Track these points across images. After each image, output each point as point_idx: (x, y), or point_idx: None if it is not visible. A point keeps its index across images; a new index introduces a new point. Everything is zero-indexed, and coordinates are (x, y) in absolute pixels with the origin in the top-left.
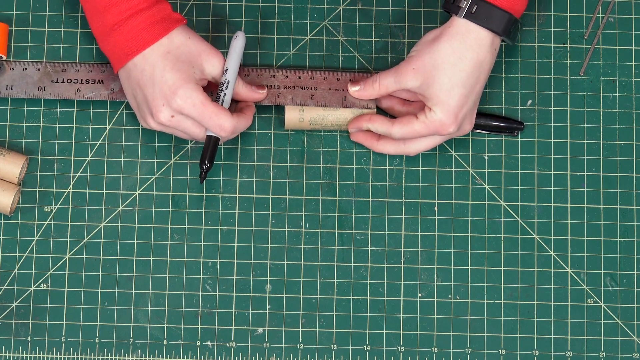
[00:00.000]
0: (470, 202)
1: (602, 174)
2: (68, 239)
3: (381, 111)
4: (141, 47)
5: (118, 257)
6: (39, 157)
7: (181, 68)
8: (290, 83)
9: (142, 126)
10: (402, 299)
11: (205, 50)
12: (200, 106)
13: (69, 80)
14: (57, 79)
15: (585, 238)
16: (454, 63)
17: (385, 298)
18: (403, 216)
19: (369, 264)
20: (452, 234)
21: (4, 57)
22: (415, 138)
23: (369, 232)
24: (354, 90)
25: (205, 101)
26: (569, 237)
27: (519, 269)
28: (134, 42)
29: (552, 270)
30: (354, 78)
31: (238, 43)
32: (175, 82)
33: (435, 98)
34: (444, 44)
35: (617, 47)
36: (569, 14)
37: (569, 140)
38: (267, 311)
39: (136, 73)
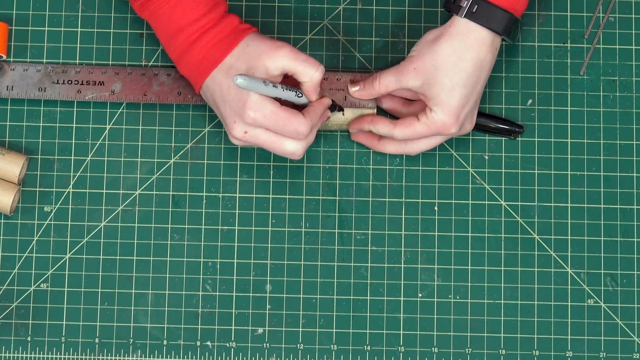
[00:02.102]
0: (470, 202)
1: (602, 173)
2: (68, 239)
3: (381, 112)
4: (210, 68)
5: (118, 257)
6: (39, 156)
7: None
8: (290, 83)
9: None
10: (402, 299)
11: (264, 50)
12: (270, 115)
13: (70, 82)
14: (58, 80)
15: (586, 238)
16: (455, 63)
17: (385, 298)
18: (403, 216)
19: (369, 264)
20: (452, 234)
21: (4, 57)
22: (417, 139)
23: (369, 232)
24: (354, 90)
25: (275, 109)
26: (569, 237)
27: (519, 269)
28: (204, 63)
29: (552, 270)
30: (354, 78)
31: None
32: (241, 97)
33: (437, 98)
34: (445, 44)
35: (617, 47)
36: (569, 14)
37: (569, 140)
38: (267, 311)
39: (210, 94)
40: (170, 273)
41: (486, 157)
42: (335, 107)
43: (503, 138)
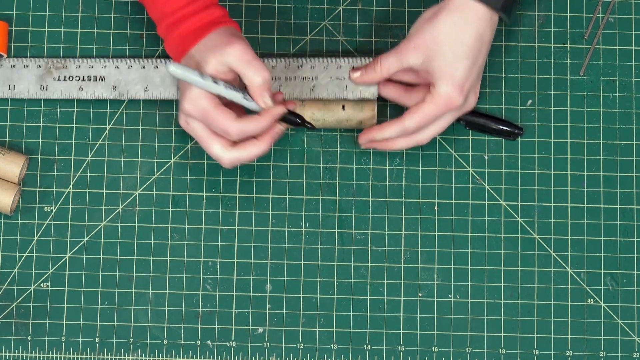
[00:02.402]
0: (470, 201)
1: (602, 173)
2: (68, 239)
3: (381, 114)
4: (180, 55)
5: (118, 257)
6: (39, 156)
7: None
8: (291, 74)
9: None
10: (402, 298)
11: (218, 45)
12: (202, 110)
13: (71, 78)
14: (59, 77)
15: (586, 238)
16: (456, 36)
17: (385, 297)
18: (403, 216)
19: (369, 264)
20: (452, 234)
21: (4, 56)
22: (428, 124)
23: (369, 231)
24: (355, 76)
25: (207, 106)
26: (569, 237)
27: (519, 268)
28: (178, 50)
29: (552, 269)
30: (355, 65)
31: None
32: (185, 88)
33: (439, 72)
34: (444, 19)
35: (617, 47)
36: (569, 14)
37: (569, 140)
38: (267, 311)
39: None
40: (171, 273)
41: (486, 157)
42: (298, 120)
43: (503, 139)
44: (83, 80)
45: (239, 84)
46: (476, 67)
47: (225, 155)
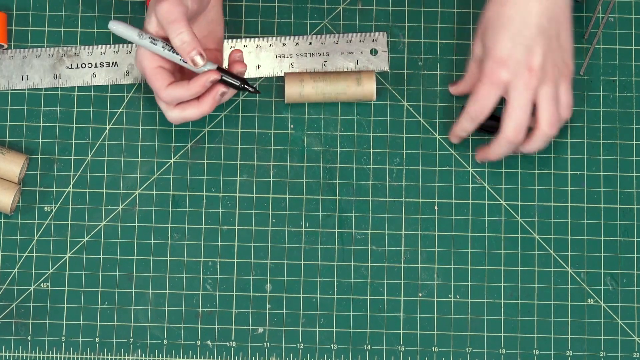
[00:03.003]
0: (470, 201)
1: (602, 173)
2: (68, 239)
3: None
4: (147, 3)
5: (118, 257)
6: (39, 156)
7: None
8: (302, 50)
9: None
10: (402, 298)
11: (159, 1)
12: (143, 69)
13: (83, 65)
14: (72, 64)
15: (586, 237)
16: (497, 11)
17: (385, 297)
18: (403, 216)
19: (369, 264)
20: (452, 234)
21: (5, 46)
22: (486, 106)
23: (369, 231)
24: (452, 89)
25: (146, 65)
26: (569, 237)
27: (519, 268)
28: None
29: (552, 269)
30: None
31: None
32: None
33: (485, 51)
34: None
35: (617, 47)
36: None
37: (569, 140)
38: (267, 311)
39: None
40: (171, 273)
41: None
42: (240, 85)
43: None
44: (96, 67)
45: None
46: (521, 37)
47: (169, 113)
